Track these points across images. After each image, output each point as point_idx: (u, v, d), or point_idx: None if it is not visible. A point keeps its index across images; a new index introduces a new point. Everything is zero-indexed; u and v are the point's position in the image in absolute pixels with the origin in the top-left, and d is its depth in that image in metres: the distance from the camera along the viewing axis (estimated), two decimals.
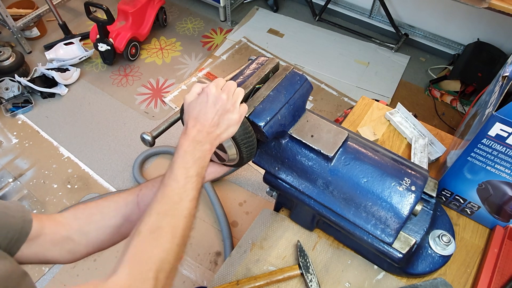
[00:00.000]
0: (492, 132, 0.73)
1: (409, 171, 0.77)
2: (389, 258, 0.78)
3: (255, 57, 0.81)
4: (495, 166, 0.78)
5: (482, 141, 0.76)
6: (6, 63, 2.48)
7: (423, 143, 1.08)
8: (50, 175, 2.17)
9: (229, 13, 3.00)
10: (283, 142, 0.79)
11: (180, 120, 0.72)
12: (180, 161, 0.61)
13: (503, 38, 2.44)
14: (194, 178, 0.61)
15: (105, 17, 2.39)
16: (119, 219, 0.69)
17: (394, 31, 2.80)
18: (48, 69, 2.54)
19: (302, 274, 0.86)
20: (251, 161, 0.80)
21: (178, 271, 1.78)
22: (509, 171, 0.77)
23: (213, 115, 0.64)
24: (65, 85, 2.57)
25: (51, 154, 2.26)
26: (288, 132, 0.77)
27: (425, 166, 1.02)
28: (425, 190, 0.85)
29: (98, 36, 2.51)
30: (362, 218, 0.76)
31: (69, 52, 2.69)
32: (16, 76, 2.44)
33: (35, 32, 2.87)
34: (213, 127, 0.64)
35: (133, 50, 2.71)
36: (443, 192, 0.95)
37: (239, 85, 0.72)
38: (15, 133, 2.36)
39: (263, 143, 0.80)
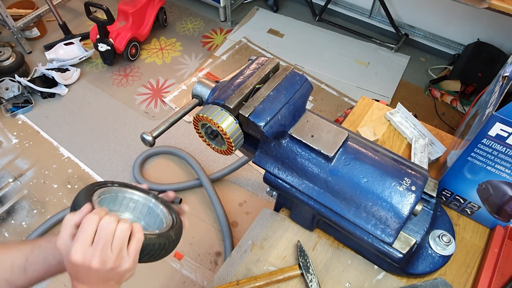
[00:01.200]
0: (492, 132, 0.73)
1: (409, 171, 0.77)
2: (389, 258, 0.78)
3: (255, 57, 0.81)
4: (495, 166, 0.78)
5: (482, 141, 0.76)
6: (6, 63, 2.48)
7: (423, 143, 1.08)
8: (50, 175, 2.17)
9: (229, 13, 2.99)
10: (283, 142, 0.79)
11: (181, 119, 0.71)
12: None
13: (503, 38, 2.44)
14: None
15: (105, 17, 2.39)
16: (2, 283, 0.63)
17: (394, 31, 2.80)
18: (48, 69, 2.54)
19: (302, 274, 0.86)
20: (251, 161, 0.80)
21: (178, 271, 1.78)
22: (509, 171, 0.77)
23: (96, 278, 0.53)
24: (65, 85, 2.57)
25: (51, 154, 2.26)
26: (288, 132, 0.77)
27: (425, 166, 1.02)
28: (425, 190, 0.85)
29: (98, 36, 2.51)
30: (362, 218, 0.76)
31: (69, 52, 2.69)
32: (16, 76, 2.44)
33: (35, 32, 2.87)
34: (101, 284, 0.54)
35: (133, 50, 2.71)
36: (443, 192, 0.95)
37: (239, 85, 0.71)
38: (15, 133, 2.36)
39: (263, 143, 0.80)
